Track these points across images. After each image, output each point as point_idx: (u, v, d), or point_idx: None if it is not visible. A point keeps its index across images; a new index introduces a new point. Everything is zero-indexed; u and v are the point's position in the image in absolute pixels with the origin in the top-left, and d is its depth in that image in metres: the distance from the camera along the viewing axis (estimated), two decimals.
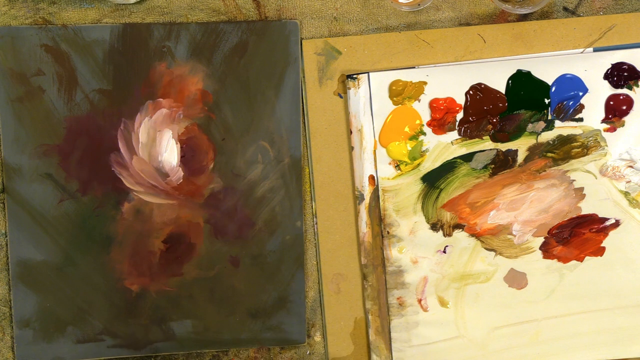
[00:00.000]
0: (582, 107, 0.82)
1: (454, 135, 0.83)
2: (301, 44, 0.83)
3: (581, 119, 0.83)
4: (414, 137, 0.83)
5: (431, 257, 0.84)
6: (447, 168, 0.83)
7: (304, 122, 0.84)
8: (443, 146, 0.83)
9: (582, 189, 0.83)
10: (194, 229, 0.83)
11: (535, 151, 0.83)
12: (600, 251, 0.83)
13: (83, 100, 0.82)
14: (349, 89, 0.82)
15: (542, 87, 0.82)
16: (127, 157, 0.82)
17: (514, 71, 0.82)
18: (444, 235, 0.83)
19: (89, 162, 0.82)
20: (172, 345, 0.84)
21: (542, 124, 0.83)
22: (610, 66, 0.82)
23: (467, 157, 0.83)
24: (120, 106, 0.82)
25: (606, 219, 0.83)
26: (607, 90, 0.82)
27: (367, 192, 0.83)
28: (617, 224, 0.83)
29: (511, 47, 0.82)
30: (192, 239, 0.83)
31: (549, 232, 0.83)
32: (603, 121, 0.83)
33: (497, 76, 0.82)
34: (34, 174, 0.82)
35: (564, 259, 0.84)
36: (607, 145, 0.83)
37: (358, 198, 0.83)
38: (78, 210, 0.83)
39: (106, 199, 0.83)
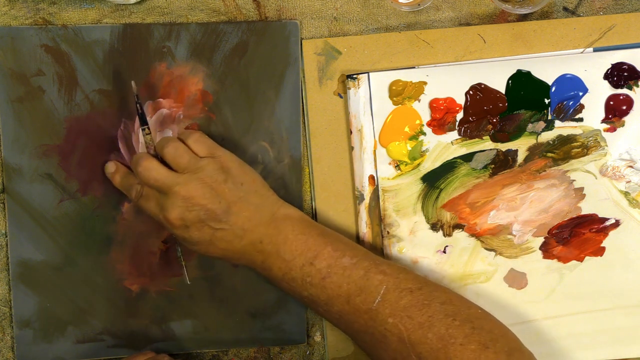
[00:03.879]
0: (582, 107, 0.82)
1: (454, 135, 0.83)
2: (301, 44, 0.83)
3: (581, 119, 0.83)
4: (414, 137, 0.83)
5: (431, 257, 0.84)
6: (447, 168, 0.83)
7: (304, 122, 0.84)
8: (443, 146, 0.83)
9: (582, 189, 0.83)
10: None
11: (535, 151, 0.83)
12: (600, 251, 0.83)
13: (83, 101, 0.82)
14: (349, 89, 0.82)
15: (542, 87, 0.82)
16: (127, 157, 0.82)
17: (514, 71, 0.82)
18: (444, 235, 0.83)
19: (89, 162, 0.82)
20: (172, 345, 0.84)
21: (542, 124, 0.83)
22: (610, 66, 0.82)
23: (467, 157, 0.83)
24: (120, 106, 0.82)
25: (606, 219, 0.83)
26: (607, 90, 0.82)
27: (367, 192, 0.83)
28: (617, 224, 0.83)
29: (511, 47, 0.83)
30: None
31: (549, 232, 0.83)
32: (603, 121, 0.83)
33: (497, 76, 0.82)
34: (34, 174, 0.82)
35: (564, 259, 0.84)
36: (607, 145, 0.83)
37: (358, 198, 0.83)
38: (78, 210, 0.83)
39: (106, 199, 0.83)
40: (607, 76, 0.82)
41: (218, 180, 0.74)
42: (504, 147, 0.83)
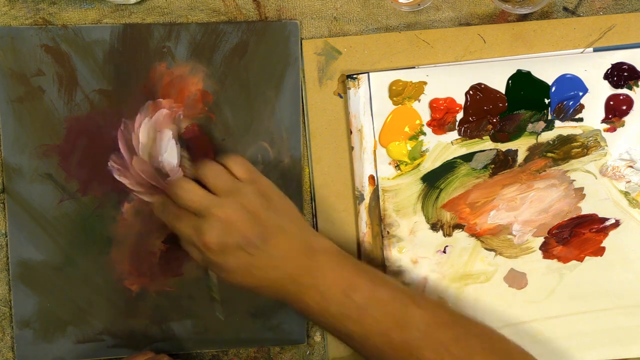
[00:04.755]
0: (582, 107, 0.82)
1: (454, 135, 0.83)
2: (301, 44, 0.83)
3: (581, 119, 0.83)
4: (414, 137, 0.83)
5: (431, 257, 0.84)
6: (447, 168, 0.83)
7: (304, 122, 0.84)
8: (443, 146, 0.83)
9: (582, 189, 0.83)
10: None
11: (535, 151, 0.83)
12: (600, 251, 0.83)
13: (83, 101, 0.82)
14: (349, 89, 0.82)
15: (542, 87, 0.82)
16: (127, 157, 0.82)
17: (514, 71, 0.82)
18: (444, 235, 0.83)
19: (89, 162, 0.82)
20: (172, 345, 0.84)
21: (542, 124, 0.83)
22: (610, 66, 0.82)
23: (467, 157, 0.83)
24: (120, 106, 0.82)
25: (606, 219, 0.83)
26: (607, 90, 0.82)
27: (367, 192, 0.83)
28: (617, 224, 0.83)
29: (511, 47, 0.83)
30: None
31: (549, 232, 0.83)
32: (603, 121, 0.83)
33: (497, 76, 0.82)
34: (34, 174, 0.82)
35: (564, 259, 0.84)
36: (607, 145, 0.83)
37: (358, 198, 0.83)
38: (78, 210, 0.83)
39: (106, 199, 0.83)
40: (607, 76, 0.82)
41: (258, 206, 0.72)
42: (504, 147, 0.83)
